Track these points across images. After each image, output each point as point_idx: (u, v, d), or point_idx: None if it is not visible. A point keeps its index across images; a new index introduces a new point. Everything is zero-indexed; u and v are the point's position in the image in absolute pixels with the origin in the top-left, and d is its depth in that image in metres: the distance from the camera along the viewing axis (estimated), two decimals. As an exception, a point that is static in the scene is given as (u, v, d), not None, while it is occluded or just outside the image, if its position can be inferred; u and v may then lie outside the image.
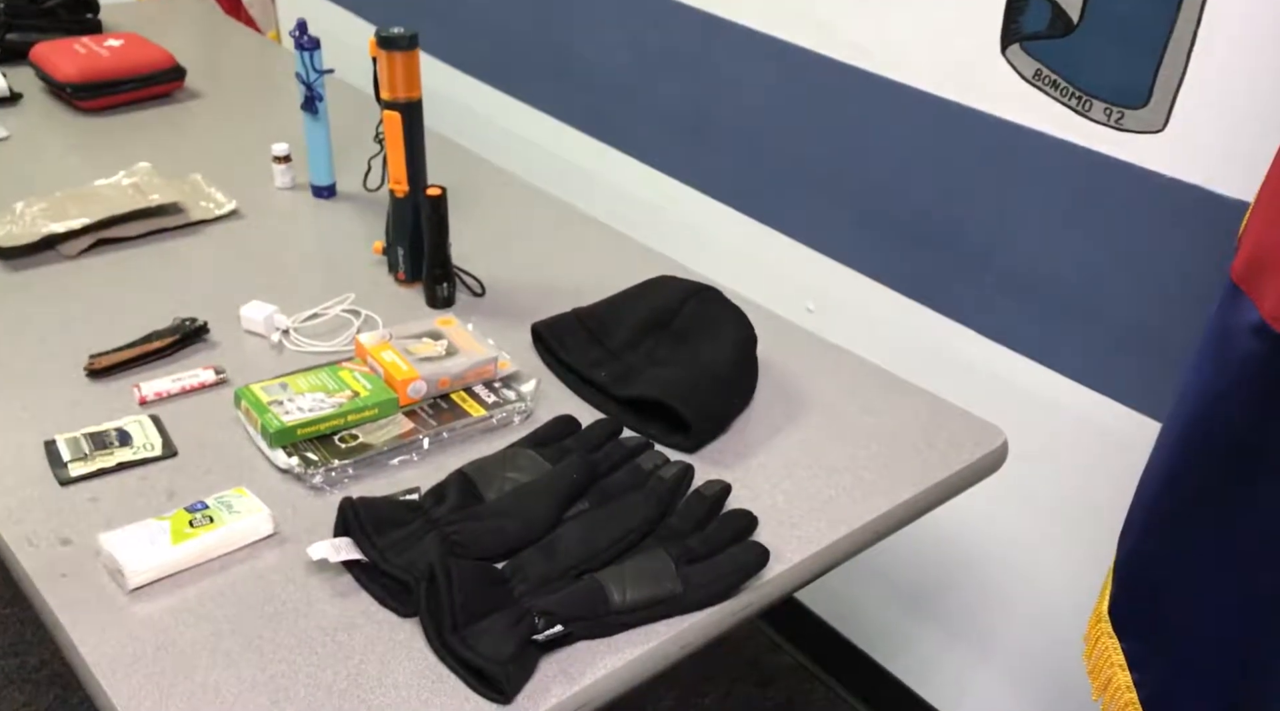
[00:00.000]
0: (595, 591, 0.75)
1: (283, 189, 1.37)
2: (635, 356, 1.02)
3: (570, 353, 1.04)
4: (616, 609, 0.75)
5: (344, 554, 0.78)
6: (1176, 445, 0.89)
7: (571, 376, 1.03)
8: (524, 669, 0.72)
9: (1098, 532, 1.25)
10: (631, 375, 1.00)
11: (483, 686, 0.71)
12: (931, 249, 1.35)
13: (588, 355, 1.03)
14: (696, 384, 0.97)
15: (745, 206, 1.59)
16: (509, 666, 0.70)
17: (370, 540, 0.79)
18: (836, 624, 1.71)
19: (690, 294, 1.05)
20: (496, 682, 0.70)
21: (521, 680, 0.71)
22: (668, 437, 0.95)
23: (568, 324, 1.07)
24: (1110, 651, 0.95)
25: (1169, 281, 1.11)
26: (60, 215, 1.22)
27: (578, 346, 1.04)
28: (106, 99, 1.57)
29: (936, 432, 1.00)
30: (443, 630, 0.73)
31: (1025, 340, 1.27)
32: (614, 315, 1.07)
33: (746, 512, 0.86)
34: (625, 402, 0.98)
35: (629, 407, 0.98)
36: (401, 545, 0.80)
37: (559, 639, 0.74)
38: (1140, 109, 1.09)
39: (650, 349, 1.03)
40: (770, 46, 1.45)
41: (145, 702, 0.69)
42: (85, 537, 0.82)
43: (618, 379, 1.00)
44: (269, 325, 1.07)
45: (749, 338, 1.03)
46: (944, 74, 1.27)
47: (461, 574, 0.75)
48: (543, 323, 1.07)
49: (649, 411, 0.97)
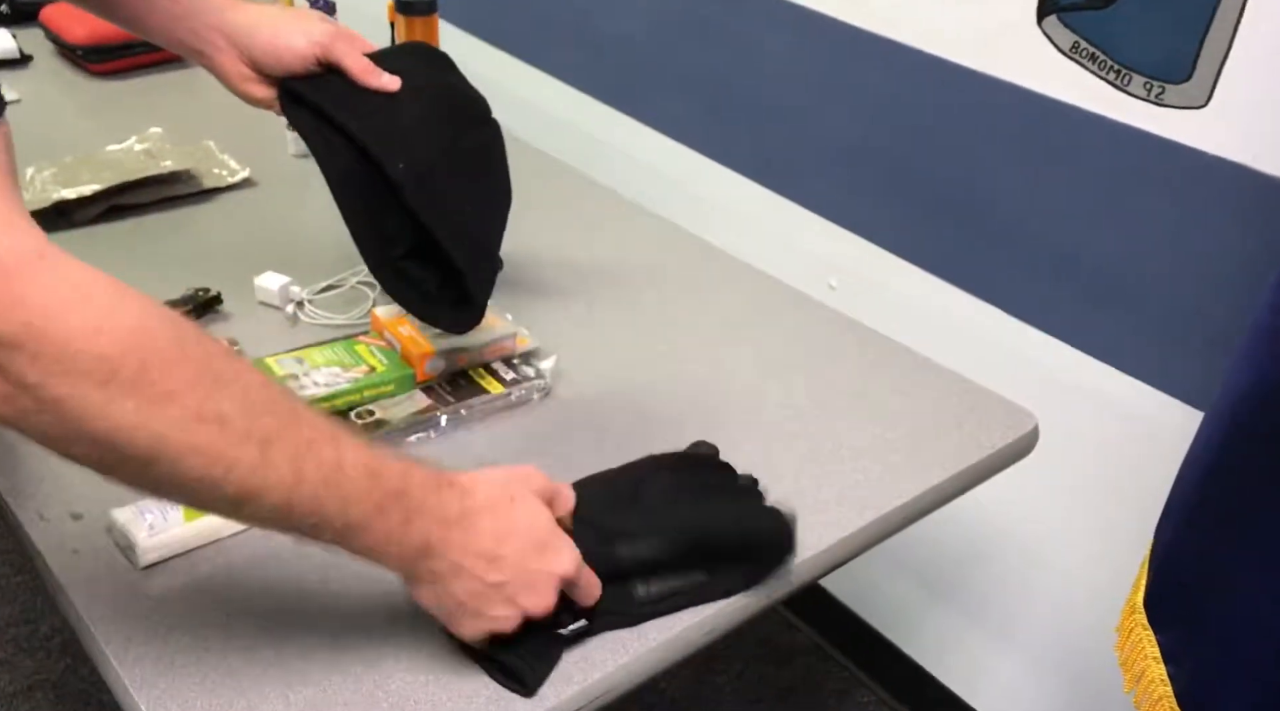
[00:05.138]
0: (620, 586, 0.73)
1: (296, 157, 1.34)
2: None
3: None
4: (641, 601, 0.74)
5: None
6: (1222, 435, 0.87)
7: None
8: (547, 661, 0.70)
9: (1127, 521, 1.23)
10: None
11: (505, 679, 0.69)
12: (959, 226, 1.32)
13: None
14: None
15: (767, 179, 1.55)
16: (533, 661, 0.69)
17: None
18: (852, 603, 1.69)
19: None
20: (519, 675, 0.68)
21: (544, 672, 0.70)
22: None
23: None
24: (1145, 643, 0.93)
25: (1210, 264, 1.08)
26: (71, 181, 1.20)
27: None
28: (118, 62, 1.54)
29: (966, 415, 0.98)
30: None
31: (1056, 321, 1.25)
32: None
33: (784, 512, 0.81)
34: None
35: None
36: None
37: (583, 632, 0.72)
38: (1183, 84, 1.05)
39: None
40: (794, 14, 1.42)
41: (159, 684, 0.68)
42: (97, 513, 0.80)
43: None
44: (283, 296, 1.05)
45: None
46: (977, 45, 1.23)
47: None
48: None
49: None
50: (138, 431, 0.54)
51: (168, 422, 0.54)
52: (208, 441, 0.56)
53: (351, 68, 0.90)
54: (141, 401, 0.53)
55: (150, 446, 0.54)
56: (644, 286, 1.14)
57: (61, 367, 0.51)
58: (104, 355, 0.52)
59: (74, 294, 0.53)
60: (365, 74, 0.90)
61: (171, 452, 0.55)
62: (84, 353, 0.52)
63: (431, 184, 0.89)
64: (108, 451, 0.54)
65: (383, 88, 0.90)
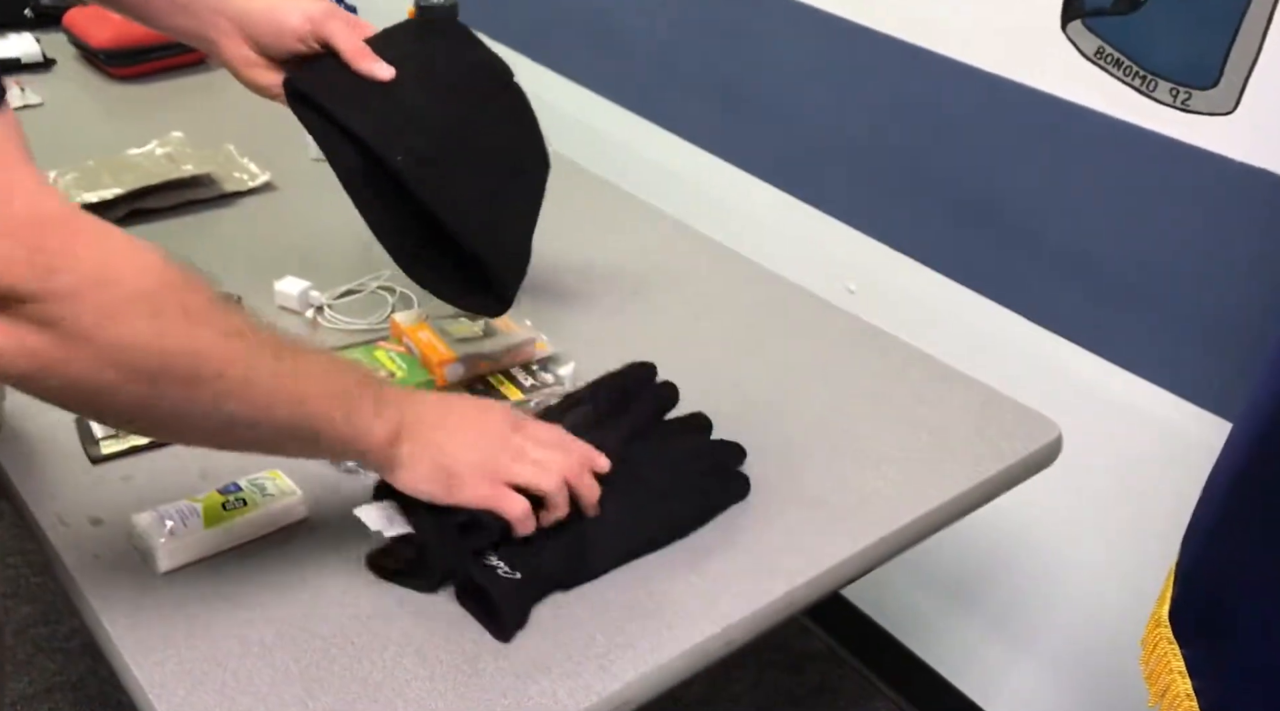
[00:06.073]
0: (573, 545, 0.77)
1: (316, 161, 1.34)
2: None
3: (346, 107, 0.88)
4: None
5: (396, 528, 0.75)
6: (1251, 447, 0.86)
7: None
8: (522, 609, 0.74)
9: (1151, 532, 1.21)
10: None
11: (488, 620, 0.73)
12: (981, 231, 1.31)
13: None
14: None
15: (786, 183, 1.55)
16: (511, 609, 0.73)
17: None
18: (870, 610, 1.68)
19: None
20: (500, 618, 0.72)
21: (520, 619, 0.74)
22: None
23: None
24: (1170, 657, 0.92)
25: (1238, 272, 1.07)
26: (93, 184, 1.20)
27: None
28: (139, 66, 1.55)
29: (988, 424, 0.97)
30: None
31: (1080, 329, 1.23)
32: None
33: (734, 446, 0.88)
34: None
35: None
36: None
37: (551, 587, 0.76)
38: (1209, 90, 1.04)
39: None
40: (814, 18, 1.41)
41: (178, 691, 0.68)
42: (117, 517, 0.80)
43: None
44: (303, 301, 1.05)
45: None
46: (1000, 50, 1.22)
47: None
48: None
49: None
50: (182, 356, 0.59)
51: (207, 341, 0.61)
52: (239, 352, 0.62)
53: (344, 49, 0.89)
54: (185, 326, 0.59)
55: (192, 367, 0.60)
56: (663, 291, 1.14)
57: (119, 310, 0.56)
58: (150, 291, 0.58)
59: (112, 242, 0.58)
60: (357, 58, 0.89)
61: (213, 368, 0.61)
62: (137, 291, 0.57)
63: (436, 170, 0.88)
64: (152, 385, 0.59)
65: (373, 75, 0.89)
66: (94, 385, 0.58)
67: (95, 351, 0.56)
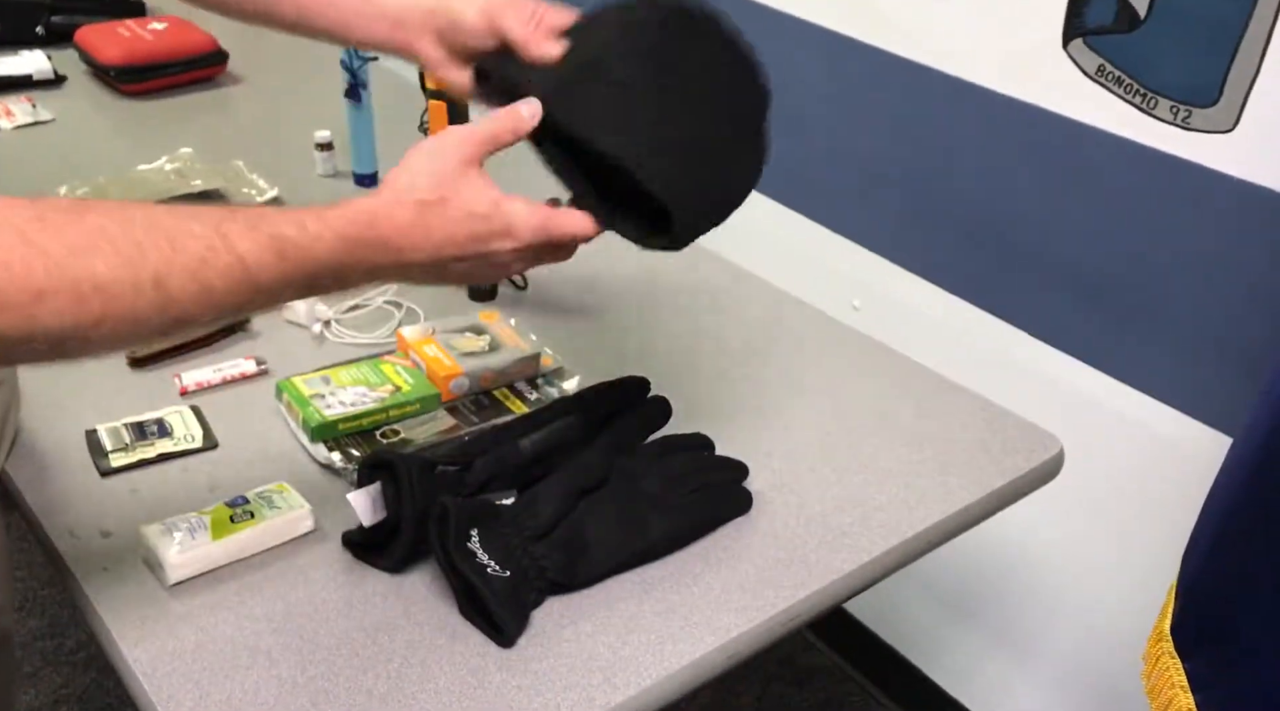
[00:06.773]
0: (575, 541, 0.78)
1: (324, 177, 1.35)
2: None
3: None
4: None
5: (379, 514, 0.78)
6: (1252, 461, 0.86)
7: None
8: (521, 617, 0.75)
9: (1153, 547, 1.21)
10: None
11: (491, 630, 0.74)
12: (984, 248, 1.31)
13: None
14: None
15: (791, 200, 1.56)
16: (509, 617, 0.74)
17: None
18: (873, 624, 1.68)
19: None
20: (502, 627, 0.73)
21: (520, 626, 0.75)
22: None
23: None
24: (1171, 672, 0.92)
25: (1238, 288, 1.08)
26: (103, 199, 1.21)
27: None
28: (150, 83, 1.56)
29: (990, 439, 0.97)
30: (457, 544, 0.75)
31: (1081, 345, 1.24)
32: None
33: (736, 462, 0.89)
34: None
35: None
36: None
37: (546, 587, 0.77)
38: (1209, 108, 1.05)
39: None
40: (819, 36, 1.42)
41: (185, 703, 0.68)
42: (126, 530, 0.81)
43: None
44: (310, 315, 1.06)
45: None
46: (1002, 68, 1.23)
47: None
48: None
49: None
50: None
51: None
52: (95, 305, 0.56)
53: (516, 39, 0.83)
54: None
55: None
56: (667, 306, 1.15)
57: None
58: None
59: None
60: (526, 44, 0.83)
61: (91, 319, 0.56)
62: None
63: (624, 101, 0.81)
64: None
65: (542, 57, 0.82)
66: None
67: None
